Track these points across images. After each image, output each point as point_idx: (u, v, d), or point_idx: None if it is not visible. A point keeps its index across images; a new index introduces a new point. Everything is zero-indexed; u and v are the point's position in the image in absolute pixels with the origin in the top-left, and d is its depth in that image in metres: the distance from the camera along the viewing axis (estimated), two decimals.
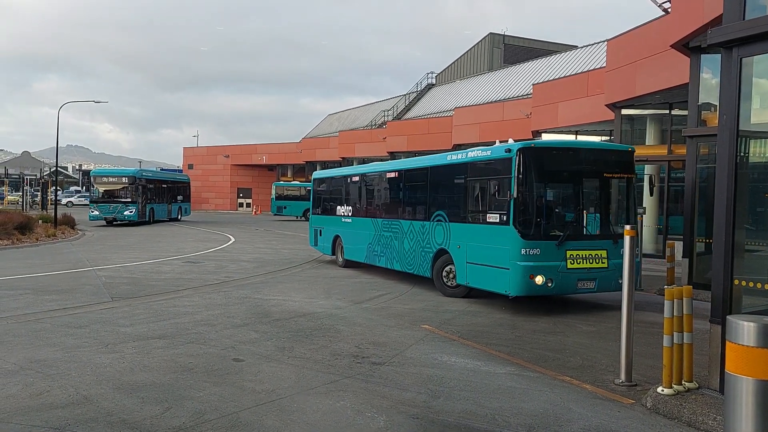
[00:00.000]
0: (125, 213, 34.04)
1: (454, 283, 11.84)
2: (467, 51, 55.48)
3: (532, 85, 29.73)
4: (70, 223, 28.33)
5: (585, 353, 7.72)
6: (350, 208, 16.67)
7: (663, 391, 5.78)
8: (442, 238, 12.10)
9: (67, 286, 12.63)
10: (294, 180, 56.46)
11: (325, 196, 18.62)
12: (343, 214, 16.97)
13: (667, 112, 19.51)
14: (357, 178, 16.60)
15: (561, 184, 11.05)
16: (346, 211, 16.80)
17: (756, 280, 5.62)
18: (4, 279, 13.47)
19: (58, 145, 28.97)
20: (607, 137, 25.88)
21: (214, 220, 43.19)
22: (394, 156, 38.45)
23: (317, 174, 19.66)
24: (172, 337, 8.21)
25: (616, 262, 10.34)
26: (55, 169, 44.14)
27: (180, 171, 62.24)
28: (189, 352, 7.38)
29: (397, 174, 14.51)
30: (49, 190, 44.75)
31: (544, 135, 27.27)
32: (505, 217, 10.19)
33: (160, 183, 39.31)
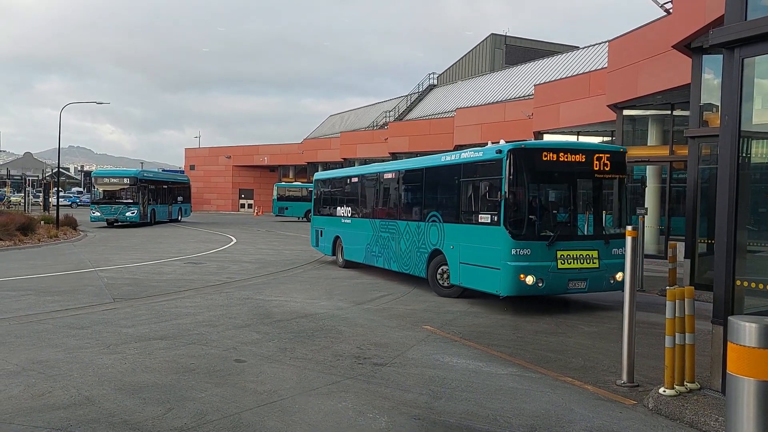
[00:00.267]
0: (127, 214, 33.75)
1: (447, 283, 11.88)
2: (469, 52, 55.51)
3: (534, 85, 29.72)
4: (72, 224, 28.40)
5: (587, 354, 7.72)
6: (349, 208, 16.72)
7: (665, 392, 5.77)
8: (437, 239, 12.13)
9: (69, 287, 12.65)
10: (296, 181, 56.50)
11: (326, 197, 18.67)
12: (342, 215, 17.01)
13: (669, 112, 19.51)
14: (356, 179, 16.68)
15: (552, 185, 11.05)
16: (346, 212, 16.85)
17: (758, 281, 5.61)
18: (6, 280, 13.49)
19: (60, 146, 29.02)
20: (609, 138, 25.87)
21: (216, 221, 43.21)
22: (395, 157, 38.47)
23: (318, 175, 19.76)
24: (174, 337, 8.21)
25: (607, 263, 10.37)
26: (57, 170, 44.21)
27: (181, 172, 62.29)
28: (191, 353, 7.38)
29: (393, 175, 14.56)
30: (51, 191, 44.82)
31: (546, 136, 27.27)
32: (496, 218, 10.23)
33: (161, 184, 39.07)
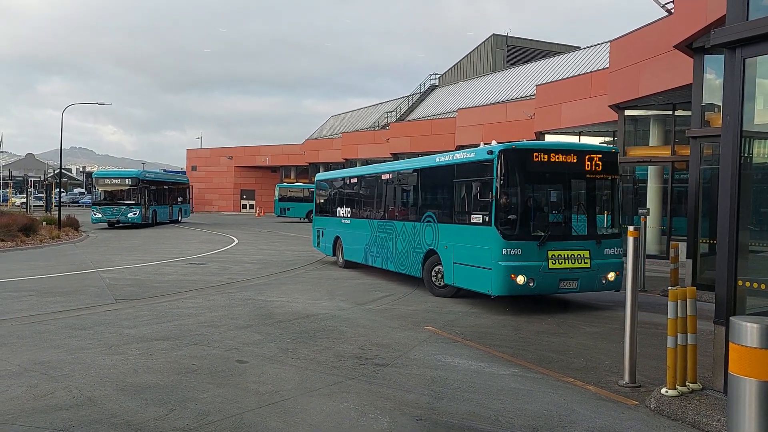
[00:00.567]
0: (129, 215, 33.40)
1: (442, 283, 11.94)
2: (470, 52, 55.48)
3: (536, 86, 29.70)
4: (74, 225, 28.43)
5: (588, 354, 7.71)
6: (349, 209, 16.81)
7: (667, 392, 5.76)
8: (432, 239, 12.18)
9: (71, 287, 12.67)
10: (297, 181, 56.51)
11: (327, 197, 18.76)
12: (342, 216, 17.09)
13: (671, 112, 19.48)
14: (354, 180, 16.80)
15: (543, 185, 11.07)
16: (346, 213, 16.93)
17: (760, 281, 5.60)
18: (8, 281, 13.51)
19: (62, 147, 29.06)
20: (611, 138, 25.85)
21: (218, 222, 43.23)
22: (397, 157, 38.48)
23: (320, 176, 19.85)
24: (176, 338, 8.22)
25: (599, 263, 10.40)
26: (59, 171, 44.25)
27: (183, 173, 62.33)
28: (192, 354, 7.39)
29: (390, 176, 14.65)
30: (53, 192, 44.84)
31: (548, 136, 27.26)
32: (487, 218, 10.28)
33: (162, 184, 38.74)
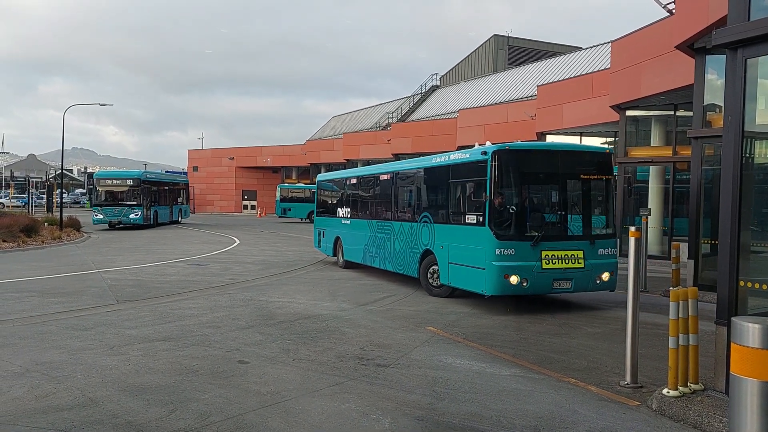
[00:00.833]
0: (130, 216, 32.99)
1: (438, 282, 12.00)
2: (471, 52, 55.51)
3: (537, 86, 29.70)
4: (76, 226, 28.45)
5: (590, 355, 7.70)
6: (348, 209, 16.89)
7: (668, 392, 5.76)
8: (428, 239, 12.23)
9: (73, 288, 12.68)
10: (298, 182, 56.54)
11: (327, 198, 18.83)
12: (342, 216, 17.17)
13: (672, 113, 19.47)
14: (354, 181, 16.89)
15: (537, 186, 11.09)
16: (345, 213, 17.01)
17: (762, 282, 5.60)
18: (10, 281, 13.52)
19: (64, 148, 29.08)
20: (612, 139, 25.84)
21: (219, 223, 43.24)
22: (398, 158, 38.49)
23: (321, 177, 19.93)
24: (177, 339, 8.23)
25: (593, 263, 10.41)
26: (60, 171, 44.28)
27: (184, 173, 62.35)
28: (194, 354, 7.39)
29: (388, 176, 14.71)
30: (54, 193, 44.90)
31: (549, 137, 27.26)
32: (481, 218, 10.33)
33: (163, 185, 38.38)
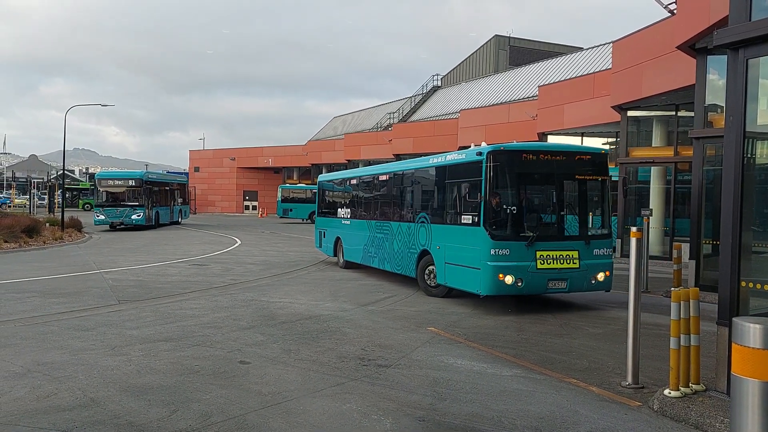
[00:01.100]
0: (133, 217, 32.56)
1: (434, 282, 12.03)
2: (473, 53, 55.52)
3: (538, 87, 29.70)
4: (77, 226, 28.48)
5: (591, 355, 7.70)
6: (348, 210, 16.97)
7: (670, 393, 5.75)
8: (425, 239, 12.28)
9: (74, 288, 12.69)
10: (300, 183, 56.58)
11: (328, 199, 18.90)
12: (343, 216, 17.23)
13: (674, 113, 19.46)
14: (354, 182, 16.98)
15: (532, 186, 11.09)
16: (345, 213, 17.08)
17: (763, 282, 5.59)
18: (11, 282, 13.54)
19: (65, 148, 29.11)
20: (614, 139, 25.84)
21: (220, 223, 43.27)
22: (400, 158, 38.50)
23: (322, 177, 20.00)
24: (179, 339, 8.23)
25: (588, 263, 10.43)
26: (62, 172, 44.32)
27: (186, 174, 62.38)
28: (195, 355, 7.40)
29: (387, 177, 14.77)
30: (56, 193, 44.94)
31: (550, 137, 27.27)
32: (476, 219, 10.36)
33: (164, 185, 38.00)
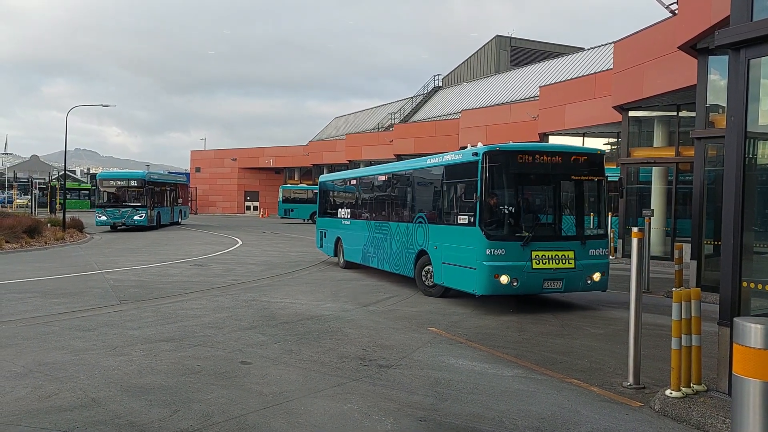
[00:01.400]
0: (135, 218, 32.25)
1: (431, 282, 12.08)
2: (474, 53, 55.50)
3: (539, 87, 29.70)
4: (79, 227, 28.49)
5: (593, 356, 7.69)
6: (349, 210, 17.04)
7: (671, 393, 5.75)
8: (423, 239, 12.33)
9: (76, 289, 12.70)
10: (301, 183, 56.60)
11: (329, 199, 18.96)
12: (343, 217, 17.29)
13: (675, 113, 19.46)
14: (354, 182, 17.05)
15: (527, 186, 11.08)
16: (346, 214, 17.14)
17: (764, 282, 5.58)
18: (13, 282, 13.55)
19: (67, 149, 29.14)
20: (615, 139, 25.82)
21: (222, 224, 43.28)
22: (401, 158, 38.49)
23: (323, 177, 20.04)
24: (180, 339, 8.24)
25: (584, 263, 10.45)
26: (63, 172, 44.37)
27: (187, 174, 62.42)
28: (196, 355, 7.40)
29: (385, 177, 14.83)
30: (57, 194, 44.97)
31: (551, 137, 27.27)
32: (472, 219, 10.40)
33: (165, 186, 37.69)
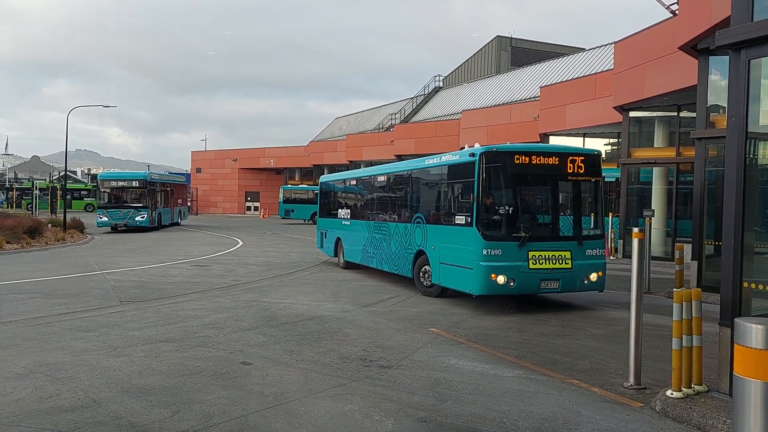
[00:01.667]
0: (137, 219, 31.88)
1: (429, 282, 12.11)
2: (474, 54, 55.51)
3: (540, 87, 29.70)
4: (79, 227, 28.50)
5: (593, 356, 7.69)
6: (348, 211, 17.08)
7: (672, 394, 5.74)
8: (421, 240, 12.35)
9: (76, 289, 12.71)
10: (301, 183, 56.62)
11: (329, 199, 18.98)
12: (343, 217, 17.32)
13: (676, 114, 19.45)
14: (354, 183, 17.09)
15: (524, 187, 11.11)
16: (346, 214, 17.18)
17: (765, 283, 5.58)
18: (13, 283, 13.56)
19: (68, 150, 29.15)
20: (615, 140, 25.82)
21: (222, 224, 43.29)
22: (401, 159, 38.49)
23: (323, 178, 20.09)
24: (181, 340, 8.24)
25: (581, 263, 10.47)
26: (64, 173, 44.40)
27: (188, 175, 62.43)
28: (197, 356, 7.40)
29: (385, 178, 14.87)
30: (58, 195, 45.00)
31: (552, 138, 27.27)
32: (469, 219, 10.43)
33: (166, 186, 37.35)
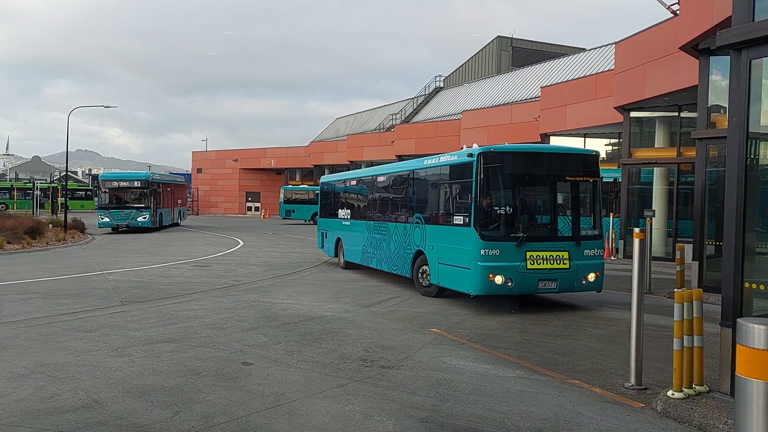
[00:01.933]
0: (138, 219, 31.70)
1: (427, 282, 12.13)
2: (475, 54, 55.50)
3: (540, 87, 29.69)
4: (80, 228, 28.53)
5: (594, 357, 7.68)
6: (349, 211, 17.11)
7: (673, 394, 5.74)
8: (420, 240, 12.37)
9: (77, 290, 12.71)
10: (302, 184, 56.63)
11: (330, 200, 19.00)
12: (343, 217, 17.34)
13: (676, 114, 19.43)
14: (354, 183, 17.14)
15: (522, 187, 11.12)
16: (346, 214, 17.21)
17: (766, 283, 5.57)
18: (14, 283, 13.57)
19: (68, 150, 29.16)
20: (616, 140, 25.82)
21: (223, 224, 43.30)
22: (402, 159, 38.49)
23: (324, 178, 20.12)
24: (182, 340, 8.24)
25: (579, 263, 10.48)
26: (65, 173, 44.43)
27: (189, 175, 62.45)
28: (198, 356, 7.40)
29: (384, 178, 14.89)
30: (59, 195, 45.02)
31: (553, 138, 27.27)
32: (467, 219, 10.44)
33: (166, 186, 37.12)
